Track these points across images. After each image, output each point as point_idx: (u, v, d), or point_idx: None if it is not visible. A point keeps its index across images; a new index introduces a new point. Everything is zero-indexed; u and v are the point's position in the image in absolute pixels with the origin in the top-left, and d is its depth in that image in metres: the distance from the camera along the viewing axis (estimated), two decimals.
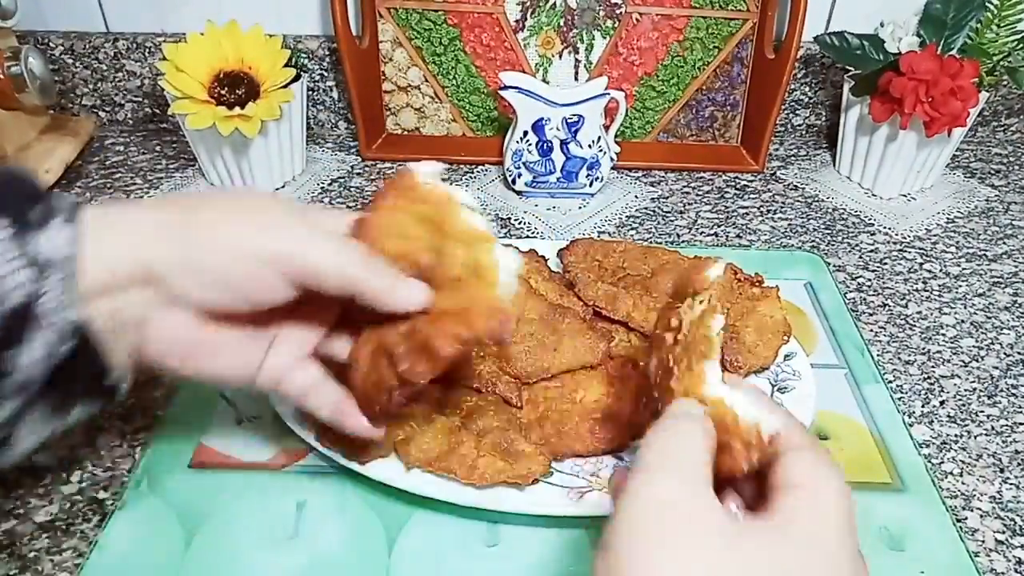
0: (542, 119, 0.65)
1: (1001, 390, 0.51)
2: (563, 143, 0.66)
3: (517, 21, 0.73)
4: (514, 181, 0.70)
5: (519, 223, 0.67)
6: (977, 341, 0.55)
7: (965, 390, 0.51)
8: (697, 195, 0.72)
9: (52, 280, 0.29)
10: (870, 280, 0.61)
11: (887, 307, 0.58)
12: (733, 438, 0.28)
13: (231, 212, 0.33)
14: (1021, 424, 0.48)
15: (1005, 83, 0.78)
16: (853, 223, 0.69)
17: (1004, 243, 0.66)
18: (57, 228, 0.30)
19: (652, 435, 0.28)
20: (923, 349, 0.54)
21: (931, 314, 0.58)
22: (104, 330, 0.32)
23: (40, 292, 0.29)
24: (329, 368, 0.38)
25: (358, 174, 0.74)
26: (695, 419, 0.29)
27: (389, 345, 0.34)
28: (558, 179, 0.69)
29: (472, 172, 0.75)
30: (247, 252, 0.32)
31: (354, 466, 0.41)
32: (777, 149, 0.81)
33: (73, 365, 0.31)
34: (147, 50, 0.77)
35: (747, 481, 0.30)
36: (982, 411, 0.49)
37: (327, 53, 0.77)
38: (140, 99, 0.81)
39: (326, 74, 0.79)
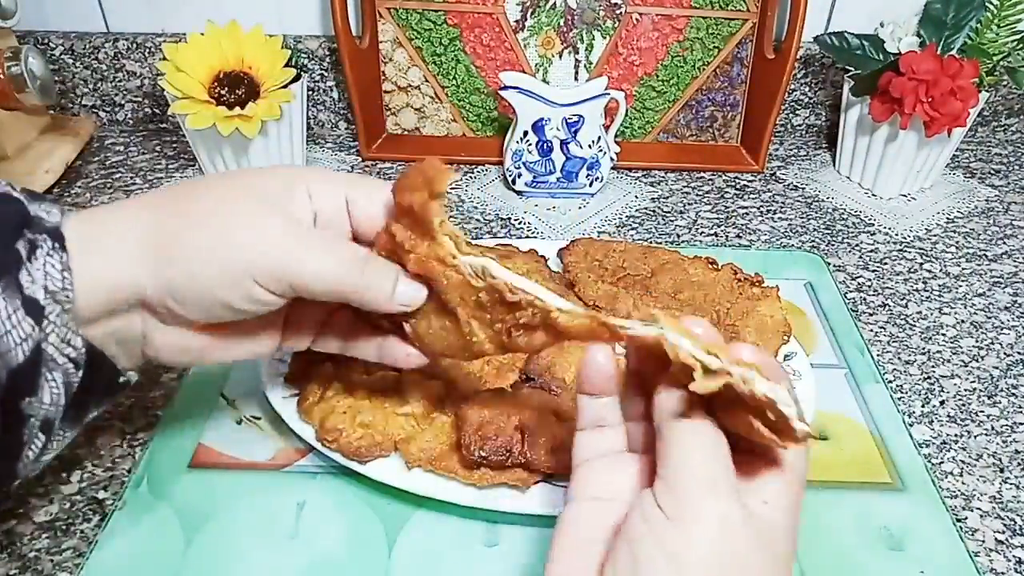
0: (542, 119, 0.65)
1: (1001, 390, 0.51)
2: (563, 143, 0.66)
3: (517, 21, 0.73)
4: (514, 181, 0.70)
5: (519, 223, 0.67)
6: (977, 341, 0.55)
7: (965, 390, 0.51)
8: (697, 195, 0.72)
9: (52, 317, 0.29)
10: (870, 280, 0.61)
11: (887, 307, 0.58)
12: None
13: (216, 228, 0.31)
14: (1021, 424, 0.48)
15: (1005, 83, 0.78)
16: (853, 223, 0.69)
17: (1004, 243, 0.66)
18: (45, 258, 0.29)
19: (682, 444, 0.26)
20: (923, 349, 0.54)
21: (931, 314, 0.58)
22: (108, 347, 0.32)
23: (44, 336, 0.29)
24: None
25: (358, 174, 0.74)
26: (700, 427, 0.28)
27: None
28: (558, 179, 0.69)
29: (472, 172, 0.75)
30: (225, 274, 0.31)
31: (354, 466, 0.41)
32: (777, 149, 0.81)
33: (89, 382, 0.31)
34: (147, 50, 0.77)
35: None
36: (982, 411, 0.49)
37: (327, 53, 0.77)
38: (140, 99, 0.81)
39: (326, 74, 0.79)
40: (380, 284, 0.32)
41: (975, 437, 0.47)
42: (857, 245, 0.65)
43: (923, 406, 0.50)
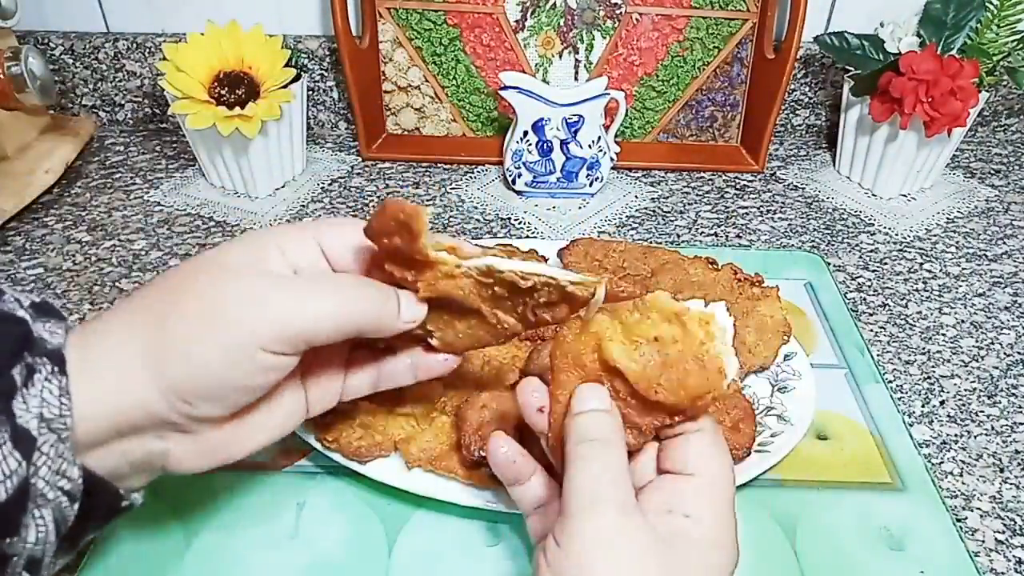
0: (542, 119, 0.65)
1: (1001, 390, 0.51)
2: (563, 143, 0.66)
3: (517, 21, 0.73)
4: (514, 181, 0.70)
5: (519, 223, 0.67)
6: (977, 341, 0.55)
7: (965, 390, 0.51)
8: (697, 195, 0.72)
9: (45, 448, 0.27)
10: (870, 280, 0.61)
11: (887, 307, 0.58)
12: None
13: (205, 315, 0.29)
14: (1021, 424, 0.48)
15: (1005, 83, 0.78)
16: (853, 223, 0.69)
17: (1004, 243, 0.66)
18: (43, 383, 0.27)
19: (576, 471, 0.29)
20: (923, 349, 0.54)
21: (931, 314, 0.58)
22: (114, 471, 0.30)
23: (35, 471, 0.26)
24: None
25: (358, 174, 0.74)
26: (606, 442, 0.29)
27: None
28: (558, 179, 0.69)
29: (472, 172, 0.75)
30: (232, 353, 0.29)
31: (354, 466, 0.41)
32: (777, 149, 0.81)
33: (85, 512, 0.29)
34: (147, 50, 0.77)
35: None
36: (982, 411, 0.49)
37: (327, 53, 0.77)
38: (140, 99, 0.81)
39: (326, 74, 0.79)
40: (384, 306, 0.32)
41: (975, 437, 0.47)
42: (857, 245, 0.65)
43: (923, 406, 0.50)
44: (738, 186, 0.74)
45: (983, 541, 0.41)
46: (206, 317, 0.29)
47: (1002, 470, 0.45)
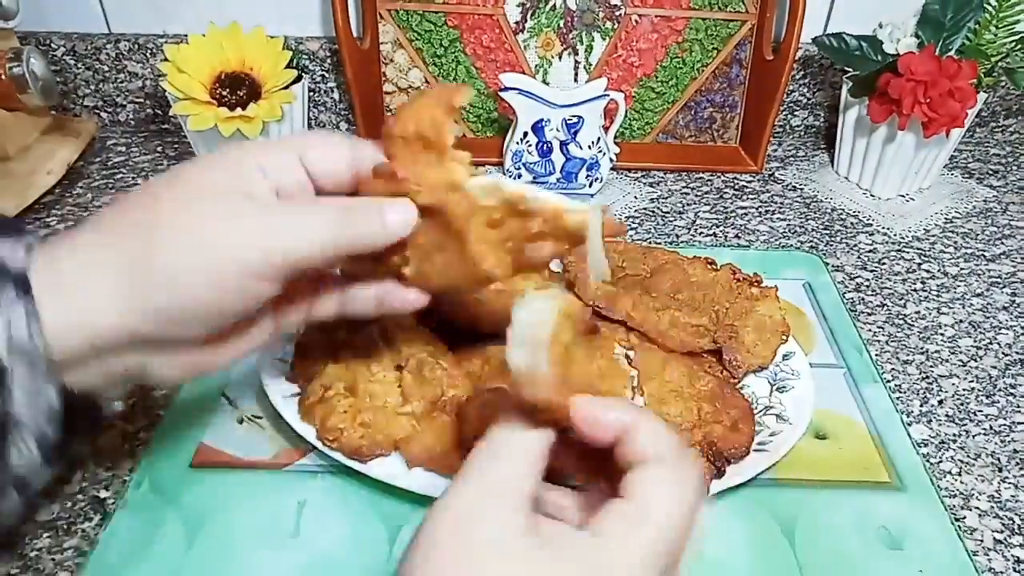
0: (542, 120, 0.66)
1: (999, 389, 0.51)
2: (563, 144, 0.66)
3: (517, 23, 0.73)
4: None
5: None
6: (975, 341, 0.55)
7: (963, 390, 0.51)
8: (696, 196, 0.72)
9: (18, 374, 0.26)
10: (868, 280, 0.61)
11: (885, 307, 0.58)
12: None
13: (189, 239, 0.29)
14: (1019, 423, 0.48)
15: (1003, 84, 0.78)
16: (852, 223, 0.69)
17: (1002, 243, 0.66)
18: (9, 307, 0.26)
19: (476, 453, 0.28)
20: (921, 349, 0.54)
21: (929, 314, 0.58)
22: (94, 386, 0.30)
23: (7, 397, 0.26)
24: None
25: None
26: (522, 439, 0.27)
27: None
28: (558, 180, 0.69)
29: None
30: (216, 275, 0.29)
31: (355, 465, 0.41)
32: (776, 150, 0.81)
33: (69, 427, 0.29)
34: (149, 51, 0.77)
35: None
36: (980, 411, 0.49)
37: (328, 54, 0.78)
38: (142, 100, 0.81)
39: (327, 75, 0.79)
40: (368, 220, 0.31)
41: (973, 437, 0.48)
42: (855, 245, 0.66)
43: (921, 406, 0.50)
44: (737, 187, 0.74)
45: (981, 540, 0.41)
46: (194, 245, 0.29)
47: (1000, 469, 0.45)
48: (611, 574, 0.24)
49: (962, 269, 0.63)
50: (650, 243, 0.65)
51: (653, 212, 0.70)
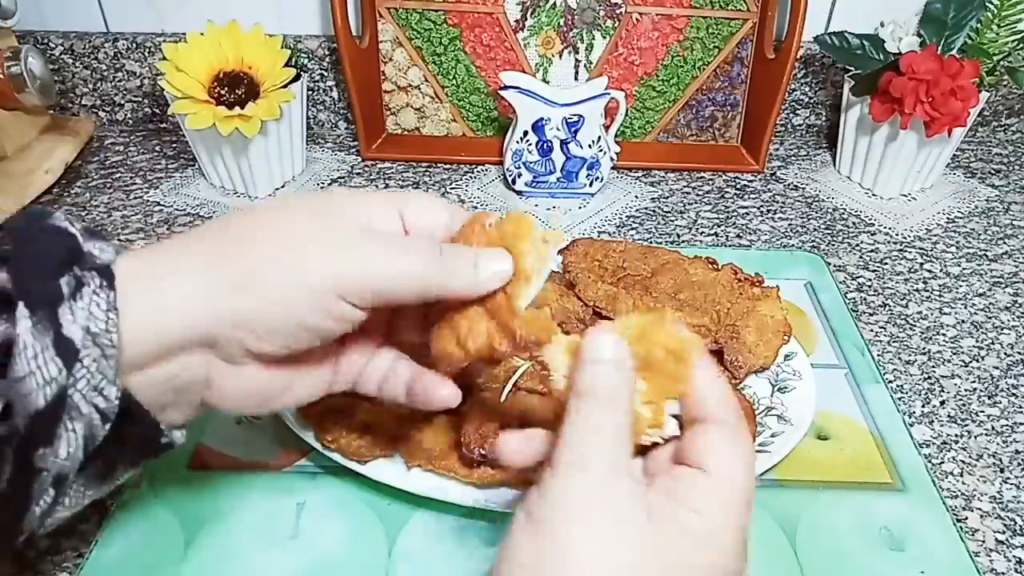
0: (542, 119, 0.65)
1: (1001, 390, 0.51)
2: (563, 143, 0.66)
3: (517, 21, 0.73)
4: (514, 181, 0.70)
5: None
6: (977, 341, 0.55)
7: (965, 390, 0.51)
8: (697, 195, 0.72)
9: (87, 361, 0.27)
10: (870, 280, 0.61)
11: (887, 307, 0.58)
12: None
13: (276, 245, 0.29)
14: (1021, 424, 0.48)
15: (1005, 83, 0.78)
16: (853, 223, 0.69)
17: (1004, 243, 0.66)
18: (91, 296, 0.27)
19: (568, 423, 0.27)
20: (923, 349, 0.54)
21: (931, 314, 0.58)
22: (157, 397, 0.30)
23: (73, 382, 0.26)
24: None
25: (358, 174, 0.74)
26: (608, 398, 0.27)
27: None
28: (558, 179, 0.69)
29: (472, 172, 0.75)
30: (305, 292, 0.29)
31: (354, 466, 0.41)
32: (777, 149, 0.81)
33: (119, 436, 0.29)
34: (147, 50, 0.77)
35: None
36: (982, 411, 0.49)
37: (327, 53, 0.77)
38: (140, 99, 0.81)
39: (326, 74, 0.79)
40: (461, 265, 0.31)
41: (975, 437, 0.47)
42: (857, 245, 0.65)
43: (923, 406, 0.49)
44: (738, 186, 0.74)
45: (983, 541, 0.41)
46: (286, 255, 0.29)
47: (1002, 470, 0.45)
48: (721, 548, 0.27)
49: (964, 269, 0.63)
50: (651, 243, 0.65)
51: (654, 211, 0.70)
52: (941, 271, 0.62)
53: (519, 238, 0.30)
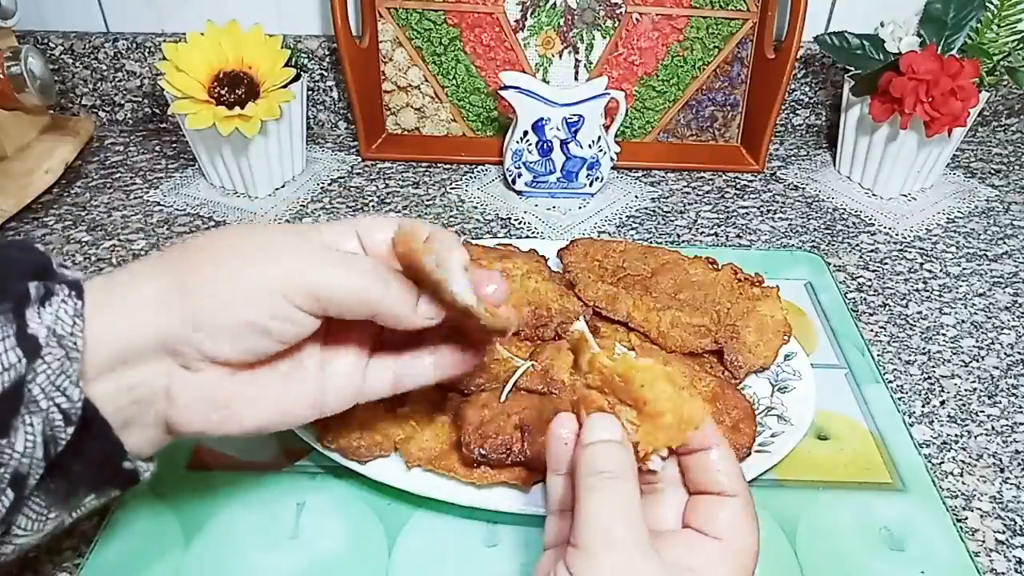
0: (542, 119, 0.65)
1: (1001, 390, 0.51)
2: (563, 143, 0.66)
3: (517, 21, 0.73)
4: (514, 181, 0.70)
5: (519, 223, 0.67)
6: (977, 341, 0.55)
7: (965, 390, 0.51)
8: (697, 195, 0.72)
9: (49, 359, 0.27)
10: (870, 280, 0.61)
11: (887, 307, 0.58)
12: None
13: (229, 254, 0.31)
14: (1021, 424, 0.48)
15: (1005, 83, 0.78)
16: (853, 223, 0.69)
17: (1004, 243, 0.66)
18: (60, 304, 0.28)
19: (587, 503, 0.28)
20: (923, 349, 0.54)
21: (931, 314, 0.58)
22: (118, 410, 0.30)
23: (32, 375, 0.27)
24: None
25: (358, 174, 0.74)
26: (616, 475, 0.29)
27: None
28: (558, 179, 0.69)
29: (472, 172, 0.75)
30: (252, 291, 0.30)
31: (354, 466, 0.41)
32: (777, 149, 0.81)
33: (80, 449, 0.29)
34: (147, 50, 0.77)
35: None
36: (982, 411, 0.49)
37: (327, 53, 0.77)
38: (140, 99, 0.81)
39: (326, 74, 0.79)
40: (404, 297, 0.32)
41: (975, 437, 0.47)
42: (857, 245, 0.65)
43: (923, 406, 0.49)
44: (738, 186, 0.74)
45: (983, 541, 0.41)
46: (237, 261, 0.31)
47: (1002, 470, 0.45)
48: None
49: (964, 269, 0.63)
50: (651, 243, 0.65)
51: (654, 211, 0.70)
52: (941, 271, 0.62)
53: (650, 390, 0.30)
